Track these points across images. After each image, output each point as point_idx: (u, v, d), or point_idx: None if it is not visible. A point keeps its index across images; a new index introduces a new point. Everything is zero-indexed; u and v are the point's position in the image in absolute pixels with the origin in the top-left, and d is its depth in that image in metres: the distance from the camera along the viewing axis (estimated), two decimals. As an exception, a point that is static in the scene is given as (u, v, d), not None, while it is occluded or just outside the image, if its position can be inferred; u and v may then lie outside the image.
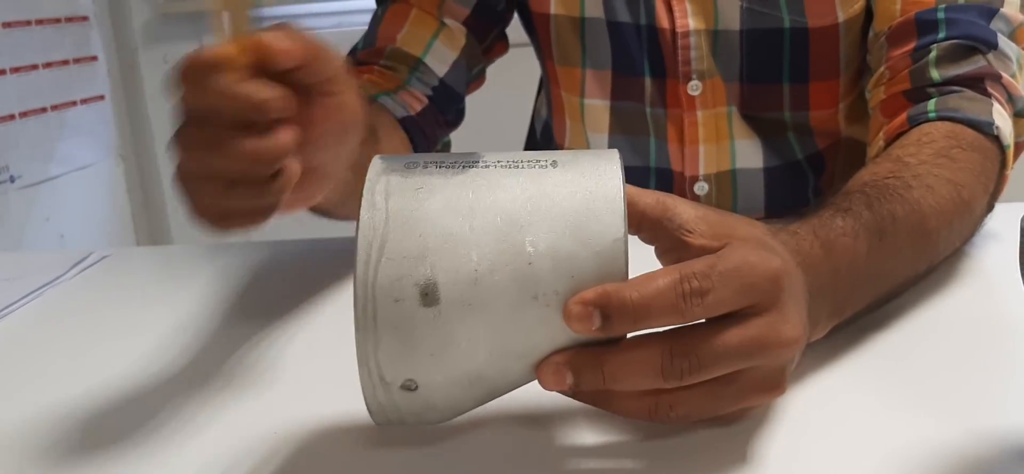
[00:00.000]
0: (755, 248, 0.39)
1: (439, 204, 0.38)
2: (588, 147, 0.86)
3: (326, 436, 0.46)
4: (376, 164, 0.40)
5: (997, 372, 0.49)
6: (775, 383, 0.40)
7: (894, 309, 0.56)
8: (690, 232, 0.40)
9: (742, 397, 0.40)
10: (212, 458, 0.45)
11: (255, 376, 0.54)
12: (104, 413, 0.50)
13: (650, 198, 0.41)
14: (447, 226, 0.37)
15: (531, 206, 0.38)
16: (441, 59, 0.80)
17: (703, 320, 0.38)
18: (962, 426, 0.43)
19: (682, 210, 0.41)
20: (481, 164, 0.39)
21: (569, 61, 0.83)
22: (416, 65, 0.79)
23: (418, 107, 0.78)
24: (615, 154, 0.40)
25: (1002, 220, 0.69)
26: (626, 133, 0.83)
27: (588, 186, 0.38)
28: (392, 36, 0.80)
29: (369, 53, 0.80)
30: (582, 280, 0.37)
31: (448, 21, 0.81)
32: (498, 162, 0.39)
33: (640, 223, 0.42)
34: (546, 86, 0.90)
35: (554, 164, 0.39)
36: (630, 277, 0.38)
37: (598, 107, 0.83)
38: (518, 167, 0.39)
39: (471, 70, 0.84)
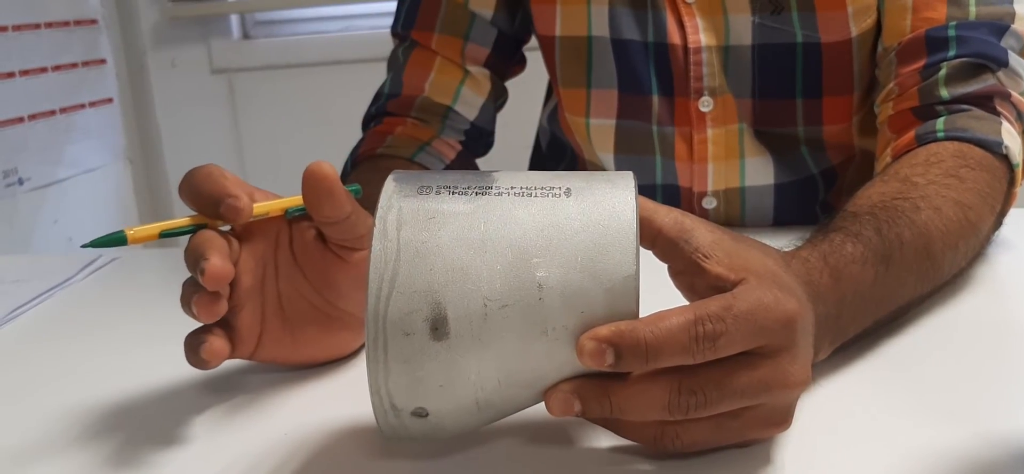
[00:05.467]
0: (770, 287, 0.39)
1: (450, 236, 0.37)
2: (594, 165, 0.86)
3: (336, 442, 0.46)
4: (389, 187, 0.40)
5: (1007, 377, 0.49)
6: (781, 419, 0.41)
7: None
8: (706, 257, 0.40)
9: (747, 431, 0.41)
10: (220, 461, 0.45)
11: (264, 380, 0.54)
12: (114, 415, 0.50)
13: (668, 217, 0.41)
14: (458, 259, 0.37)
15: (543, 240, 0.38)
16: (470, 104, 0.84)
17: None
18: (971, 430, 0.43)
19: (700, 234, 0.41)
20: (494, 190, 0.39)
21: (574, 83, 0.83)
22: (446, 113, 0.84)
23: (452, 155, 0.83)
24: (630, 182, 0.40)
25: (1014, 228, 0.69)
26: (632, 153, 0.83)
27: (601, 220, 0.38)
28: (420, 86, 0.84)
29: (398, 103, 0.84)
30: (592, 315, 0.37)
31: (471, 68, 0.84)
32: (511, 188, 0.39)
33: (655, 240, 0.42)
34: (554, 102, 0.91)
35: (568, 192, 0.39)
36: (639, 311, 0.38)
37: (604, 127, 0.83)
38: (531, 195, 0.39)
39: (496, 103, 0.88)
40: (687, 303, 0.40)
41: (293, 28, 2.10)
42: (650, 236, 0.42)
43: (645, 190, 0.84)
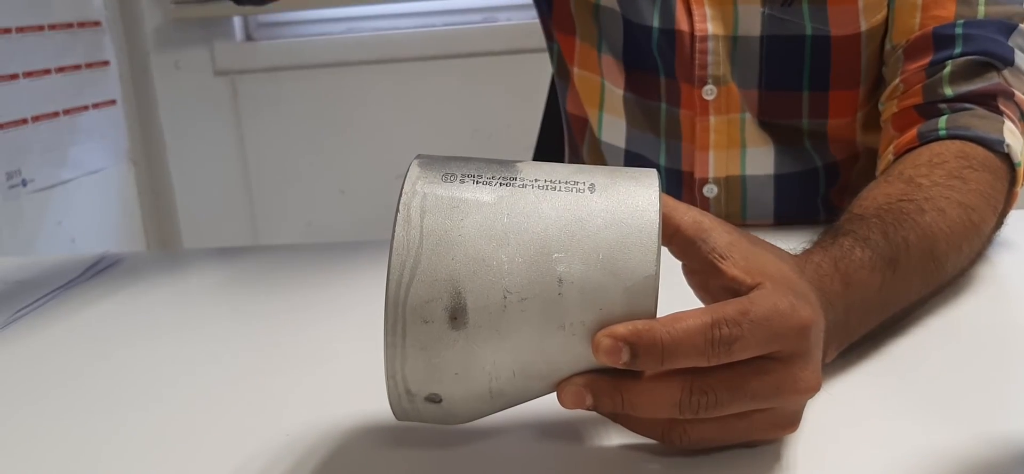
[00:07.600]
0: (786, 293, 0.40)
1: (473, 227, 0.38)
2: (599, 129, 0.86)
3: (340, 437, 0.46)
4: (413, 173, 0.40)
5: (1007, 377, 0.49)
6: (789, 422, 0.41)
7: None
8: (723, 258, 0.41)
9: (755, 432, 0.41)
10: (225, 460, 0.45)
11: (267, 377, 0.54)
12: (118, 415, 0.51)
13: (687, 216, 0.42)
14: (480, 250, 0.37)
15: (565, 235, 0.38)
16: None
17: None
18: (971, 431, 0.43)
19: (717, 234, 0.41)
20: (518, 182, 0.39)
21: (587, 39, 0.84)
22: None
23: None
24: (654, 181, 0.40)
25: (1015, 228, 0.69)
26: (639, 129, 0.83)
27: (624, 218, 0.38)
28: None
29: None
30: (610, 313, 0.38)
31: None
32: (535, 181, 0.39)
33: (673, 237, 0.42)
34: (560, 65, 0.90)
35: (592, 188, 0.39)
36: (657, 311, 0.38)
37: (615, 93, 0.84)
38: (555, 189, 0.39)
39: None
40: (699, 302, 0.40)
41: (296, 30, 2.10)
42: (668, 233, 0.42)
43: None
